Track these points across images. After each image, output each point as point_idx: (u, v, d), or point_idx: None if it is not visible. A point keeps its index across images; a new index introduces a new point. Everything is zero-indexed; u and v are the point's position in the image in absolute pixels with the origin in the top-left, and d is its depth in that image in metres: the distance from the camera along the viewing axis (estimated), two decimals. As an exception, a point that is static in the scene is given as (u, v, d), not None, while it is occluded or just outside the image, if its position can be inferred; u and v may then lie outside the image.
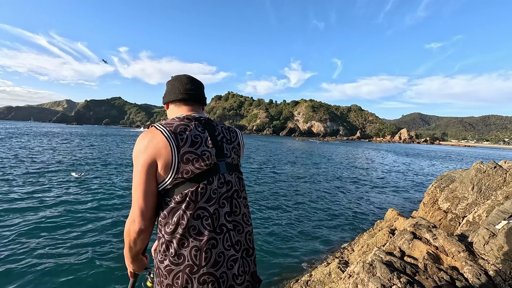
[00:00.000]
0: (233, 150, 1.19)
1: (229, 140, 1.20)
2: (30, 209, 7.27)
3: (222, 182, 1.08)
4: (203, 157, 1.06)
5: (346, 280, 2.91)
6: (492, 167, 5.18)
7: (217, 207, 1.05)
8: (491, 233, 2.90)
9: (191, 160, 1.03)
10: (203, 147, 1.07)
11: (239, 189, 1.15)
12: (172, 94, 1.22)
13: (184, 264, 1.00)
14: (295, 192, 11.61)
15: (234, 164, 1.17)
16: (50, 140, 32.30)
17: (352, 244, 6.09)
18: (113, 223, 6.69)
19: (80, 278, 4.44)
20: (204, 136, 1.10)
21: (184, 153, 1.03)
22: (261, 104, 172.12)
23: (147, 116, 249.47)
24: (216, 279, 1.01)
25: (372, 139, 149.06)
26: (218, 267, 1.02)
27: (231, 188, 1.11)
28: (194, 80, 1.26)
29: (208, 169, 1.06)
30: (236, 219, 1.10)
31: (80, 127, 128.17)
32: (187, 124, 1.10)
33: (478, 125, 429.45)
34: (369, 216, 8.92)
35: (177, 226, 1.01)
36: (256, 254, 1.24)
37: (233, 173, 1.15)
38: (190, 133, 1.07)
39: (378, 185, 14.57)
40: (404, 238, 3.21)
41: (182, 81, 1.23)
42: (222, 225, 1.05)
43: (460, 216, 5.21)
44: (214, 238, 1.03)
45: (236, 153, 1.20)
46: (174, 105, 1.23)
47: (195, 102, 1.24)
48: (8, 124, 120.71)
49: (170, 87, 1.24)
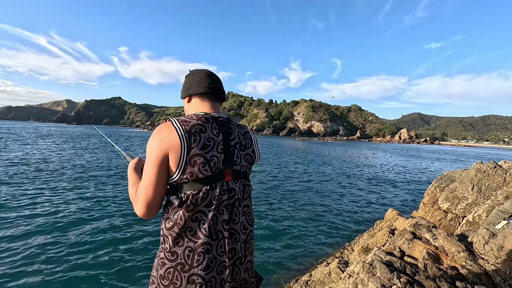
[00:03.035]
0: (245, 157, 1.15)
1: (243, 146, 1.16)
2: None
3: (225, 189, 1.06)
4: (210, 163, 1.03)
5: (346, 280, 2.90)
6: (492, 167, 5.18)
7: (216, 213, 1.04)
8: (491, 233, 2.90)
9: (198, 164, 1.02)
10: (213, 151, 1.05)
11: (241, 198, 1.13)
12: (194, 88, 1.19)
13: (177, 262, 1.02)
14: (294, 192, 11.61)
15: (242, 171, 1.14)
16: (85, 140, 32.30)
17: (352, 244, 6.09)
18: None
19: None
20: (217, 140, 1.07)
21: (193, 155, 1.01)
22: (261, 104, 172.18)
23: (147, 116, 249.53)
24: (205, 282, 1.02)
25: (372, 139, 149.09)
26: (209, 271, 1.02)
27: (233, 196, 1.09)
28: (215, 76, 1.25)
29: (213, 174, 1.04)
30: (233, 227, 1.09)
31: (83, 127, 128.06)
32: (203, 124, 1.07)
33: (478, 125, 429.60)
34: (369, 216, 8.92)
35: (175, 225, 1.03)
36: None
37: (238, 180, 1.12)
38: (204, 135, 1.05)
39: (378, 185, 14.57)
40: (404, 238, 3.21)
41: (205, 75, 1.22)
42: (218, 231, 1.05)
43: (460, 216, 5.21)
44: (209, 243, 1.02)
45: (247, 161, 1.17)
46: (196, 99, 1.21)
47: (217, 98, 1.23)
48: (9, 124, 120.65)
49: (191, 80, 1.21)
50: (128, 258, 5.14)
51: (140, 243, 5.72)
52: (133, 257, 5.17)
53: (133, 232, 6.23)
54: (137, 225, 6.61)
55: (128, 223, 6.73)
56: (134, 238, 5.97)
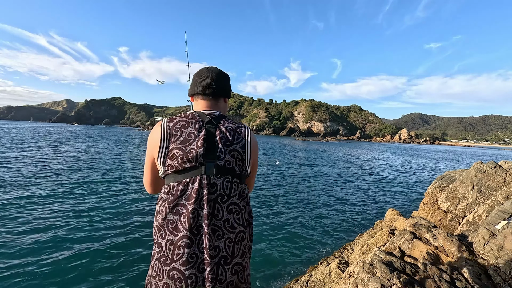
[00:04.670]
0: (230, 153, 1.13)
1: (229, 141, 1.14)
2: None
3: (205, 183, 1.06)
4: (189, 155, 1.07)
5: (346, 280, 2.90)
6: (492, 167, 5.18)
7: (196, 207, 1.04)
8: (491, 233, 2.90)
9: (176, 157, 1.08)
10: (192, 145, 1.09)
11: (225, 194, 1.09)
12: (192, 88, 1.29)
13: (161, 254, 1.05)
14: (294, 192, 11.61)
15: (228, 168, 1.11)
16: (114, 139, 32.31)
17: (352, 244, 6.09)
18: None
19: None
20: (198, 135, 1.11)
21: (172, 149, 1.09)
22: (261, 104, 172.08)
23: (147, 116, 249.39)
24: (184, 278, 1.00)
25: (372, 139, 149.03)
26: (189, 267, 1.01)
27: (215, 191, 1.07)
28: (214, 73, 1.28)
29: (192, 167, 1.08)
30: (217, 224, 1.06)
31: (85, 127, 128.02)
32: (187, 121, 1.14)
33: (478, 125, 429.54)
34: (369, 216, 8.92)
35: (159, 216, 1.08)
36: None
37: (223, 176, 1.10)
38: (186, 130, 1.12)
39: (378, 185, 14.58)
40: (404, 238, 3.21)
41: (201, 74, 1.28)
42: (199, 226, 1.04)
43: (460, 216, 5.21)
44: (189, 238, 1.02)
45: (234, 157, 1.13)
46: (197, 97, 1.29)
47: (215, 96, 1.27)
48: (11, 124, 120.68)
49: (194, 80, 1.30)
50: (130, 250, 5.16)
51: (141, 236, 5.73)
52: (133, 250, 5.18)
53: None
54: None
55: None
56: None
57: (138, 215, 7.48)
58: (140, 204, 8.48)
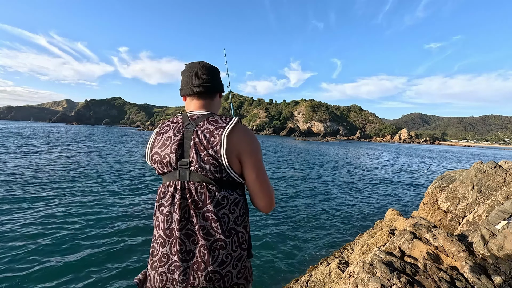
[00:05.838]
0: (205, 158, 1.04)
1: (203, 146, 1.04)
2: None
3: (179, 189, 1.06)
4: (163, 161, 1.10)
5: (346, 280, 2.90)
6: (492, 167, 5.17)
7: (170, 211, 1.08)
8: (491, 233, 2.90)
9: (156, 161, 1.13)
10: (167, 150, 1.09)
11: (199, 201, 1.05)
12: (181, 88, 1.25)
13: (152, 244, 1.14)
14: (294, 192, 11.61)
15: (201, 174, 1.05)
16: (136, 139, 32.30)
17: (352, 244, 6.09)
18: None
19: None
20: (174, 139, 1.09)
21: (153, 154, 1.14)
22: (261, 104, 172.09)
23: (147, 116, 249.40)
24: (158, 274, 1.07)
25: (372, 139, 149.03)
26: (161, 265, 1.07)
27: (189, 197, 1.05)
28: (197, 70, 1.19)
29: (168, 172, 1.11)
30: (192, 229, 1.05)
31: (85, 127, 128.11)
32: (170, 124, 1.16)
33: (478, 125, 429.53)
34: (369, 216, 8.92)
35: (154, 211, 1.17)
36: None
37: (197, 182, 1.06)
38: (166, 134, 1.13)
39: (378, 185, 14.58)
40: (404, 238, 3.21)
41: (184, 74, 1.22)
42: (172, 229, 1.06)
43: (460, 216, 5.20)
44: (163, 238, 1.08)
45: (209, 162, 1.04)
46: (187, 98, 1.26)
47: (199, 95, 1.20)
48: (11, 124, 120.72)
49: (182, 80, 1.25)
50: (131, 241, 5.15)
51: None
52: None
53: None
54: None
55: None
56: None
57: (138, 212, 7.49)
58: (140, 205, 8.48)
